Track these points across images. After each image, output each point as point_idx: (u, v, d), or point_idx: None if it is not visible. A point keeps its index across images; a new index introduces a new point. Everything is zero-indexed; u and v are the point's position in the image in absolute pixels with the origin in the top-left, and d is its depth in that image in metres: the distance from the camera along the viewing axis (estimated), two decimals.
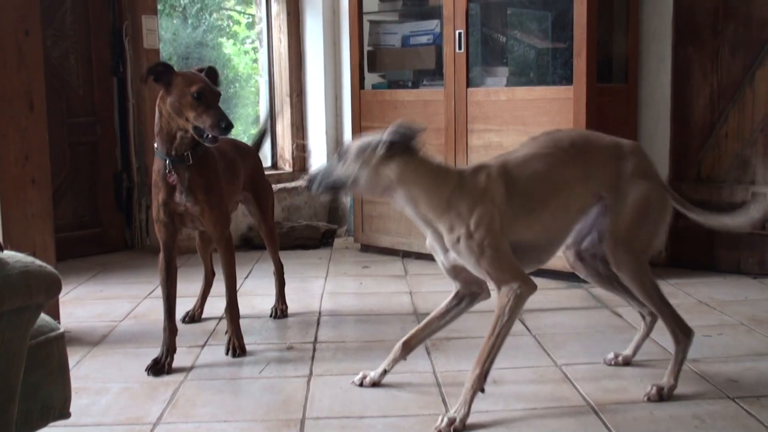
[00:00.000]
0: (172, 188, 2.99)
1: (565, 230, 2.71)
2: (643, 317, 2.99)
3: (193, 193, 3.00)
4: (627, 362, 2.99)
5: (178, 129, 2.92)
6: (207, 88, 2.89)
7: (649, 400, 2.63)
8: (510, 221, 2.53)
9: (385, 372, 2.82)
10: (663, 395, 2.64)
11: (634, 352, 3.01)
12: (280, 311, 3.74)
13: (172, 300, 3.10)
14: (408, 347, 2.81)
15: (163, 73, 2.91)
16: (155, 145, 3.00)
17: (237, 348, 3.17)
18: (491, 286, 2.57)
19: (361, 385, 2.81)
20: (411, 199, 2.53)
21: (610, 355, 3.02)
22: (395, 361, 2.82)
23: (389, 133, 2.50)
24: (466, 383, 2.50)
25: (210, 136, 2.85)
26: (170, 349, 3.04)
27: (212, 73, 3.05)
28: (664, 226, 2.76)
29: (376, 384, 2.81)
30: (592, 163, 2.68)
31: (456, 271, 2.66)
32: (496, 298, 2.55)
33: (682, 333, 2.71)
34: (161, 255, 3.08)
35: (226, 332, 3.23)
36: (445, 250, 2.57)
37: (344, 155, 2.54)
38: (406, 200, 2.54)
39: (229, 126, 2.84)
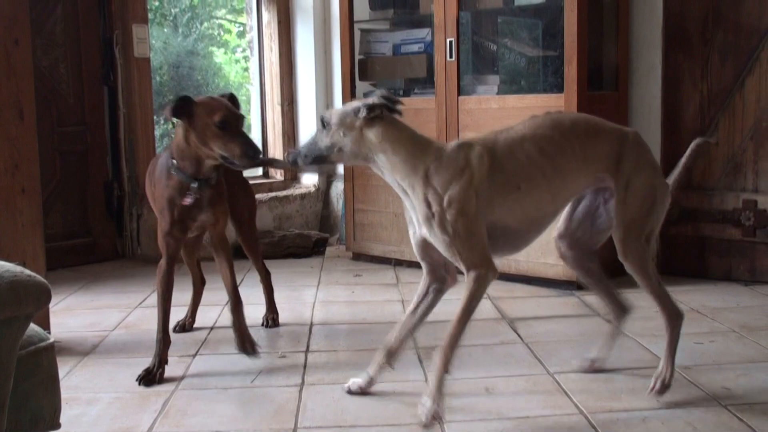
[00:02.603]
0: (190, 206, 2.99)
1: (548, 219, 2.67)
2: (615, 318, 2.99)
3: (211, 208, 3.03)
4: (600, 367, 3.00)
5: (206, 156, 2.92)
6: (229, 115, 2.86)
7: (655, 391, 2.65)
8: (489, 203, 2.50)
9: (371, 378, 2.80)
10: (666, 384, 2.66)
11: (604, 356, 3.01)
12: (271, 320, 3.72)
13: (168, 312, 3.09)
14: (391, 354, 2.78)
15: (183, 106, 2.87)
16: (174, 162, 2.96)
17: (249, 346, 3.15)
18: (459, 267, 2.52)
19: (350, 392, 2.80)
20: (389, 165, 2.52)
21: (585, 363, 3.02)
22: (380, 367, 2.80)
23: (371, 98, 2.53)
24: (432, 369, 2.49)
25: (240, 164, 2.87)
26: (162, 360, 3.03)
27: (232, 101, 3.04)
28: (665, 214, 2.78)
29: (364, 390, 2.80)
30: (593, 147, 2.64)
31: (426, 249, 2.63)
32: (461, 288, 2.54)
33: (676, 316, 2.73)
34: (164, 267, 3.05)
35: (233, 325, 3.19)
36: (420, 223, 2.55)
37: (327, 124, 2.54)
38: (385, 166, 2.53)
39: (258, 153, 2.85)
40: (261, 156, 2.90)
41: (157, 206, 3.08)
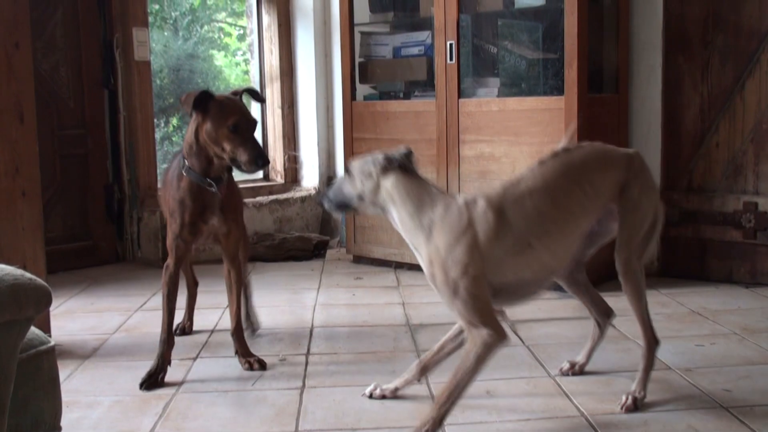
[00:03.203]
0: (201, 208, 2.99)
1: (564, 263, 2.66)
2: (599, 324, 2.99)
3: (223, 213, 3.02)
4: (582, 370, 3.00)
5: (215, 155, 2.93)
6: (243, 120, 2.88)
7: (626, 411, 2.63)
8: (499, 264, 2.46)
9: (396, 389, 2.80)
10: (638, 405, 2.65)
11: (587, 360, 3.02)
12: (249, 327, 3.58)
13: (173, 313, 3.08)
14: (423, 369, 2.79)
15: (200, 100, 2.88)
16: (185, 163, 2.98)
17: (255, 363, 3.14)
18: (463, 326, 2.50)
19: (371, 396, 2.79)
20: (400, 220, 2.53)
21: (566, 365, 3.02)
22: (408, 381, 2.80)
23: (391, 151, 2.55)
24: (417, 422, 2.42)
25: (246, 170, 2.89)
26: (166, 360, 3.03)
27: (253, 93, 3.06)
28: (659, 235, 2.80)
29: (386, 396, 2.79)
30: (602, 181, 2.62)
31: None
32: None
33: (655, 341, 2.75)
34: (171, 269, 3.05)
35: (236, 352, 3.19)
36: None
37: (350, 172, 2.59)
38: (397, 221, 2.54)
39: (266, 162, 2.88)
40: (268, 163, 2.92)
41: (169, 209, 3.08)
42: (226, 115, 2.86)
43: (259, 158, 2.84)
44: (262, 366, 3.13)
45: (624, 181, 2.66)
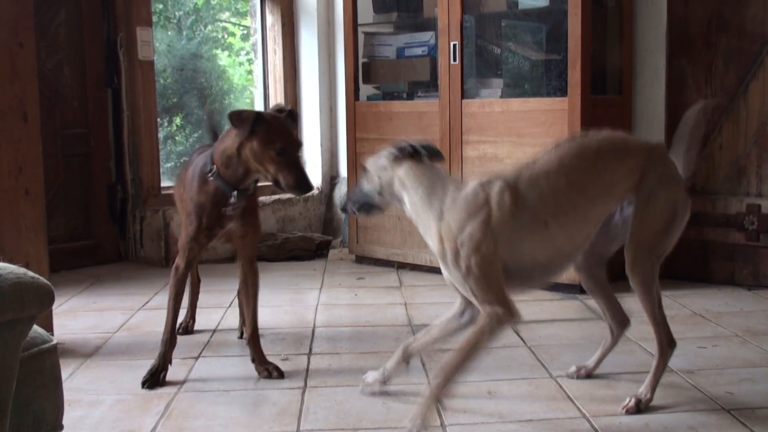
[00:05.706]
0: (221, 214, 2.98)
1: (581, 248, 2.64)
2: (612, 331, 2.95)
3: (241, 218, 3.02)
4: (589, 374, 2.97)
5: (255, 171, 2.91)
6: (290, 144, 2.85)
7: (627, 412, 2.61)
8: (513, 244, 2.47)
9: (386, 372, 2.81)
10: (641, 407, 2.63)
11: (597, 365, 2.99)
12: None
13: (177, 313, 3.08)
14: (407, 353, 2.80)
15: (249, 120, 2.83)
16: (214, 168, 2.93)
17: (273, 371, 3.07)
18: (475, 304, 2.50)
19: (366, 386, 2.82)
20: (411, 205, 2.57)
21: (572, 369, 3.00)
22: (398, 364, 2.80)
23: (400, 141, 2.61)
24: (422, 396, 2.45)
25: (288, 192, 2.90)
26: (167, 359, 3.02)
27: (292, 116, 3.02)
28: (683, 227, 2.72)
29: (381, 383, 2.81)
30: (619, 169, 2.60)
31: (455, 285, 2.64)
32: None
33: (668, 344, 2.72)
34: (182, 271, 3.04)
35: (252, 360, 3.12)
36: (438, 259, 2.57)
37: (367, 169, 2.64)
38: (409, 206, 2.58)
39: (309, 188, 2.86)
40: (312, 190, 2.91)
41: (186, 209, 3.06)
42: (274, 137, 2.81)
43: (303, 184, 2.83)
44: (280, 374, 3.05)
45: (641, 172, 2.62)
